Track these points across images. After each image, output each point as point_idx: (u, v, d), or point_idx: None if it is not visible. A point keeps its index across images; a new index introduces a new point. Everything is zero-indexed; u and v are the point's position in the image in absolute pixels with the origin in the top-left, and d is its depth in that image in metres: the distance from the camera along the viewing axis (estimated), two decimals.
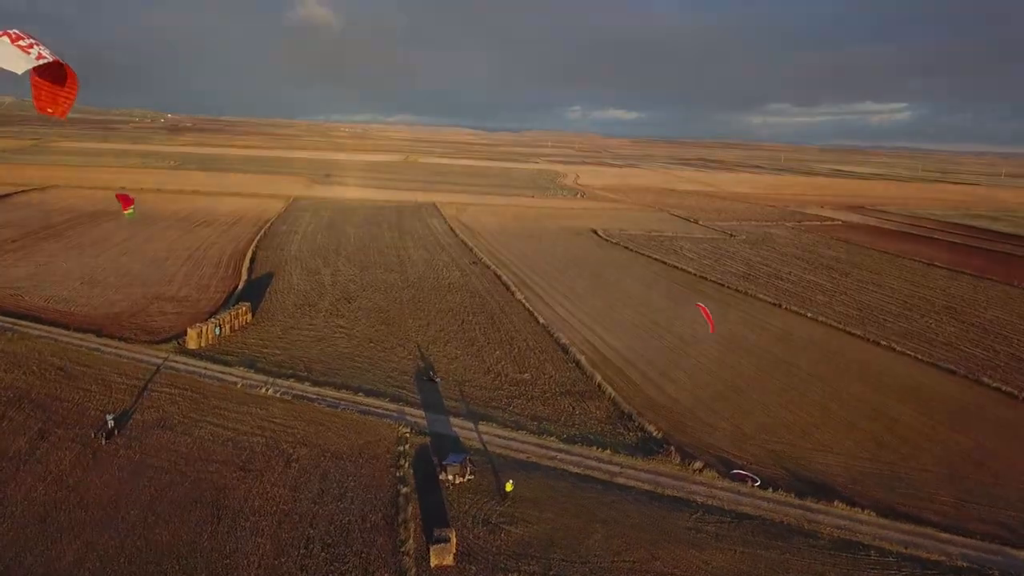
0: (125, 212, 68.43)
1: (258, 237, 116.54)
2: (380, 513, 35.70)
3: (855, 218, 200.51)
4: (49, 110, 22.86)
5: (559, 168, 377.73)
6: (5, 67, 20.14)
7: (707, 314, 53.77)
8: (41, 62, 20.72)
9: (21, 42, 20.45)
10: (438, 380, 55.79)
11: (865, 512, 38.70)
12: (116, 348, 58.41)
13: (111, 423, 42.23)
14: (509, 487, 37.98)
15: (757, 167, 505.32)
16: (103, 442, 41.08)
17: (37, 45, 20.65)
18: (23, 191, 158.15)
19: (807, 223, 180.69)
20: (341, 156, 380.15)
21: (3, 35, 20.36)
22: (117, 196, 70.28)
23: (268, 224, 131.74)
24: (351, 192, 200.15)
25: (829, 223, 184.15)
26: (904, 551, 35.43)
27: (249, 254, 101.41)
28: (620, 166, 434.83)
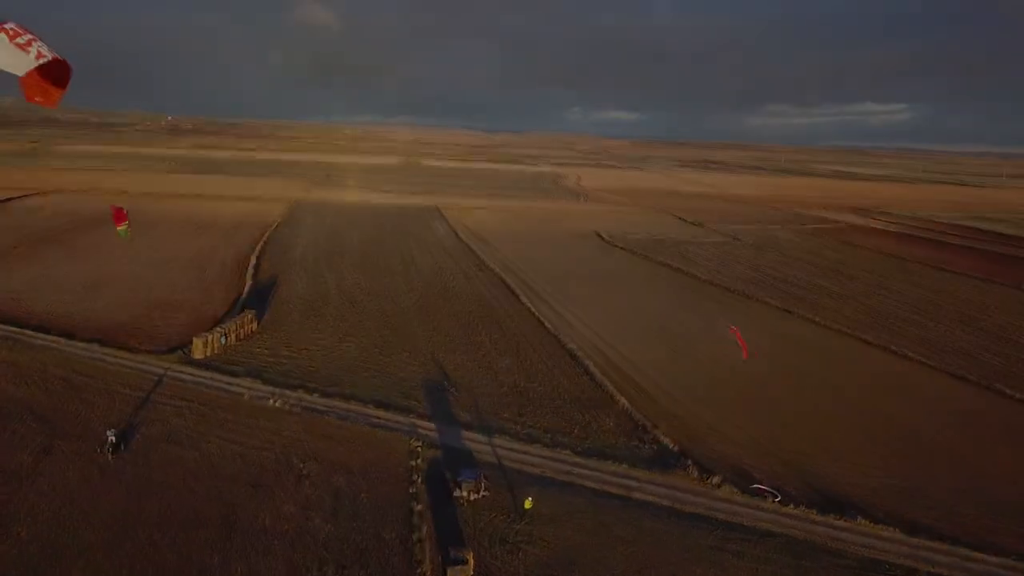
0: (118, 229, 65.69)
1: (261, 242, 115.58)
2: (394, 532, 34.78)
3: (858, 220, 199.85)
4: (39, 99, 21.68)
5: (560, 170, 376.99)
6: (5, 68, 19.22)
7: (740, 339, 51.38)
8: (41, 61, 19.69)
9: (19, 39, 19.43)
10: (453, 392, 54.82)
11: (890, 529, 37.78)
12: (120, 358, 57.46)
13: (112, 438, 41.18)
14: (528, 504, 37.00)
15: (758, 168, 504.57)
16: (109, 457, 40.16)
17: (36, 41, 19.67)
18: (23, 195, 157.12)
19: (811, 225, 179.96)
20: (342, 159, 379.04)
21: (1, 31, 19.30)
22: (111, 209, 67.94)
23: (271, 228, 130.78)
24: (353, 195, 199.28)
25: (833, 225, 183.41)
26: (932, 570, 34.54)
27: (253, 259, 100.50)
28: (621, 168, 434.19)
